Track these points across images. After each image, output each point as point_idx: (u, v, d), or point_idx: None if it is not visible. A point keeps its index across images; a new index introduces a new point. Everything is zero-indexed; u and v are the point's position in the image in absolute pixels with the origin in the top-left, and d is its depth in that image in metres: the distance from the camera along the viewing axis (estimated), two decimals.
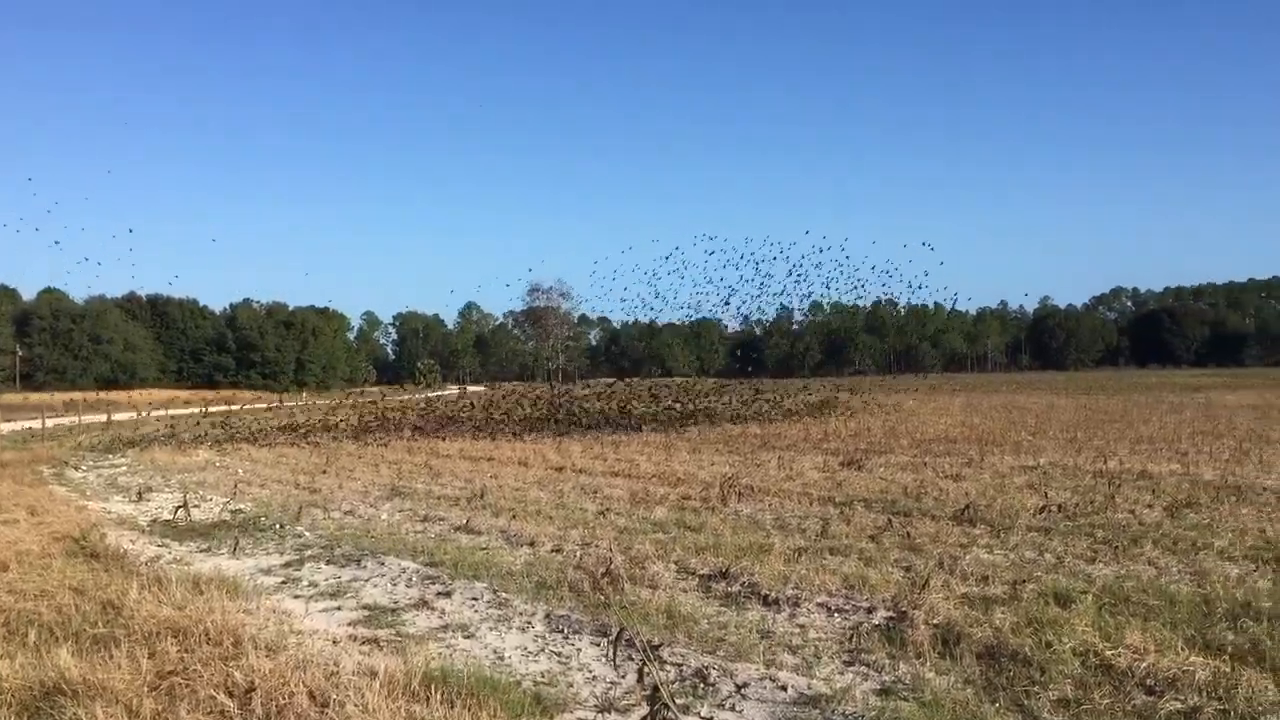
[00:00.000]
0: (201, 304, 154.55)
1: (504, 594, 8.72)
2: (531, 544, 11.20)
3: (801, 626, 7.50)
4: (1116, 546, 10.00)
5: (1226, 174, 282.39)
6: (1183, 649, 6.25)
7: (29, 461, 24.56)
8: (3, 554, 10.21)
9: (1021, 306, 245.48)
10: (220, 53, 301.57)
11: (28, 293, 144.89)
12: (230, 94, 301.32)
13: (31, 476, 20.40)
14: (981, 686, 5.91)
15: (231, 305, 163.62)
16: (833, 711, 5.53)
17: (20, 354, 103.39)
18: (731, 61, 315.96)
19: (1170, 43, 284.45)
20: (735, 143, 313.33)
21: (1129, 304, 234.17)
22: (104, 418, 50.31)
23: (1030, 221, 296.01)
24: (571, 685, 6.19)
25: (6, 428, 37.02)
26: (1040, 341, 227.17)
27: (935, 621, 7.16)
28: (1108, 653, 6.25)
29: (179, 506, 14.04)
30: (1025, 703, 5.61)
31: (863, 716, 5.40)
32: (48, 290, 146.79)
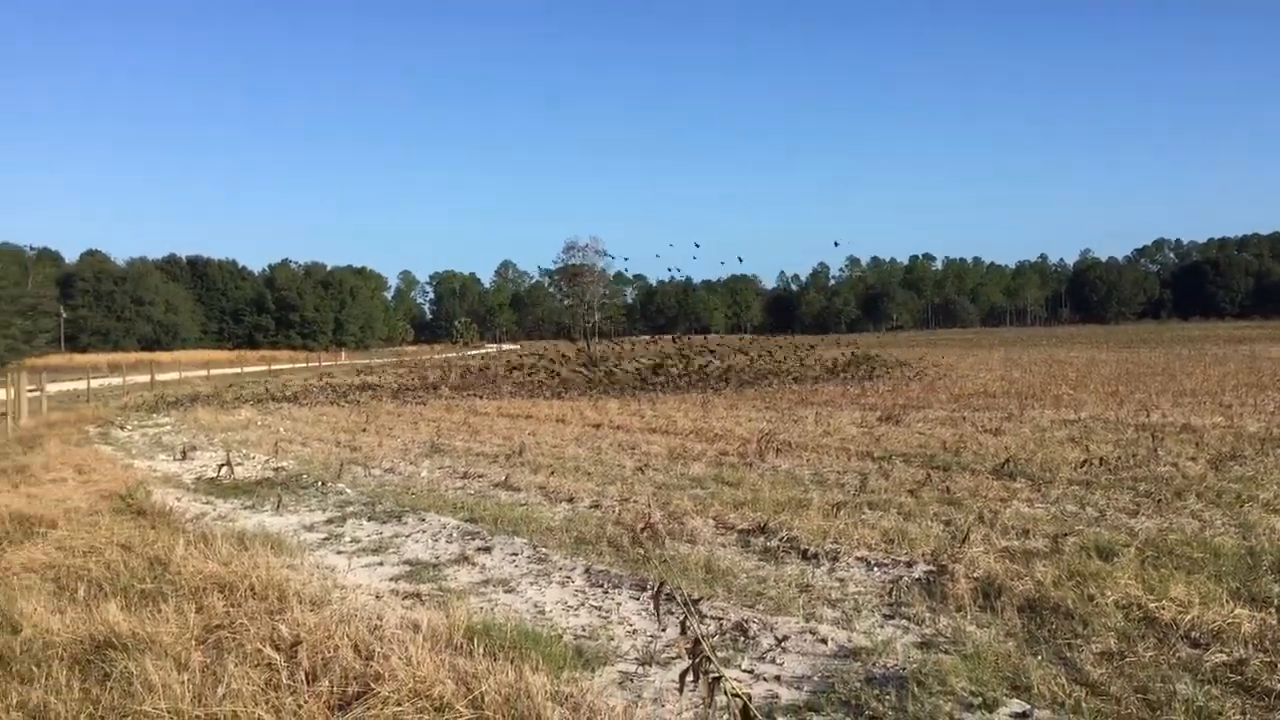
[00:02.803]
0: (240, 265, 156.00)
1: (543, 549, 8.78)
2: (570, 500, 11.25)
3: (841, 581, 7.49)
4: (1159, 500, 9.90)
5: (1272, 122, 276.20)
6: (1228, 601, 6.19)
7: (75, 421, 24.96)
8: (52, 511, 10.39)
9: (1062, 259, 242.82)
10: (259, 18, 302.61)
11: (70, 255, 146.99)
12: (266, 56, 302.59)
13: (78, 436, 20.74)
14: (1023, 639, 5.88)
15: (270, 266, 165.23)
16: (873, 664, 5.52)
17: (64, 316, 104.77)
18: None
19: None
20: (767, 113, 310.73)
21: (1171, 255, 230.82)
22: (147, 378, 50.95)
23: (1071, 173, 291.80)
24: (612, 639, 6.23)
25: (53, 389, 37.57)
26: (1081, 295, 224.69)
27: (976, 575, 7.13)
28: (1151, 606, 6.20)
29: (222, 464, 14.22)
30: (1068, 655, 5.57)
31: (904, 669, 5.39)
32: (90, 253, 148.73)
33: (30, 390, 29.77)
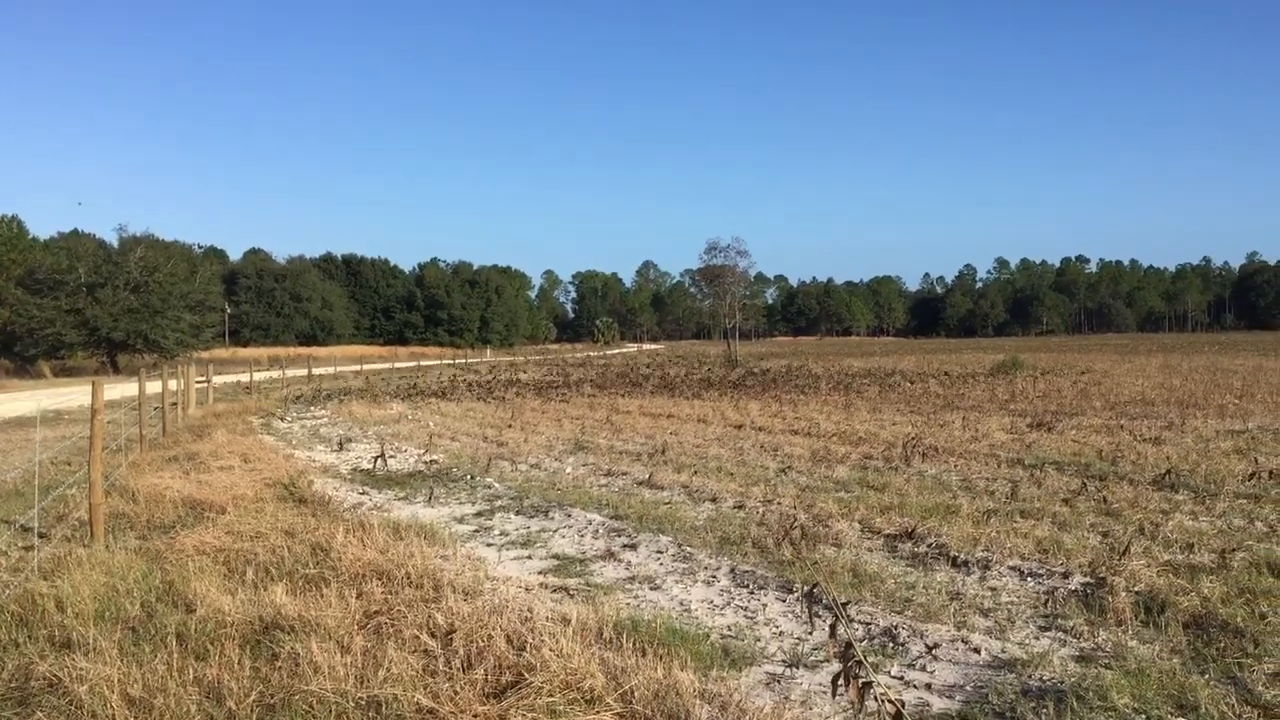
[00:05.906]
0: (392, 263, 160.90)
1: (688, 548, 8.82)
2: (713, 500, 11.27)
3: (993, 589, 7.32)
4: None
5: None
6: None
7: (240, 413, 26.11)
8: (221, 497, 10.92)
9: (1226, 262, 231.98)
10: (389, 31, 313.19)
11: (234, 253, 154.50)
12: (420, 69, 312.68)
13: (243, 426, 21.70)
14: (1189, 657, 5.64)
15: (420, 265, 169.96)
16: (1029, 676, 5.38)
17: (229, 311, 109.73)
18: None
19: None
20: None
21: None
22: (305, 372, 53.00)
23: (1236, 171, 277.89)
24: (759, 640, 6.22)
25: (218, 380, 39.41)
26: (1246, 300, 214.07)
27: (1137, 589, 6.88)
28: None
29: (377, 456, 14.71)
30: (1238, 675, 5.33)
31: (1062, 682, 5.23)
32: (252, 251, 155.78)
33: (198, 381, 31.32)
